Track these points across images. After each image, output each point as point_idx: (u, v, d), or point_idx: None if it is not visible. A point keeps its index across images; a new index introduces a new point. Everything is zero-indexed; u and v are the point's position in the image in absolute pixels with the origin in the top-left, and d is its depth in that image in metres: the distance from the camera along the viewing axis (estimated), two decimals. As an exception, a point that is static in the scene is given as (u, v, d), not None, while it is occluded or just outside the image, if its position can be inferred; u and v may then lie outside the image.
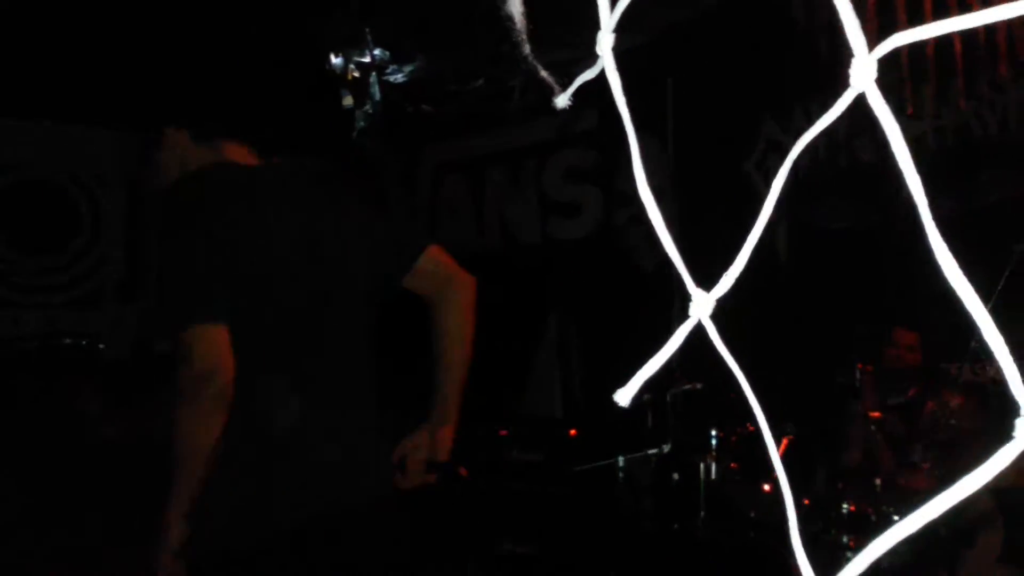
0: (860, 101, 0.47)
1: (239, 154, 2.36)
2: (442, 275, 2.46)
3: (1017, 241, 3.39)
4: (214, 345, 2.01)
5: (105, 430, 3.49)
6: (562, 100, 0.65)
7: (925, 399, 3.44)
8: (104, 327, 5.84)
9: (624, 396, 0.55)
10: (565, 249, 5.99)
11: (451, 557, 4.27)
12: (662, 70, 5.21)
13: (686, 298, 0.57)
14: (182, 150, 2.38)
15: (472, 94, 5.12)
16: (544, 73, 0.64)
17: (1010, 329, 0.44)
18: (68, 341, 4.02)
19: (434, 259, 2.44)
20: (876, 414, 3.66)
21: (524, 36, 0.61)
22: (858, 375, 3.64)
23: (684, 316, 0.56)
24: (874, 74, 0.46)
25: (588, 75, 0.61)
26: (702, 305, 0.54)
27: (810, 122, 0.50)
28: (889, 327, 3.92)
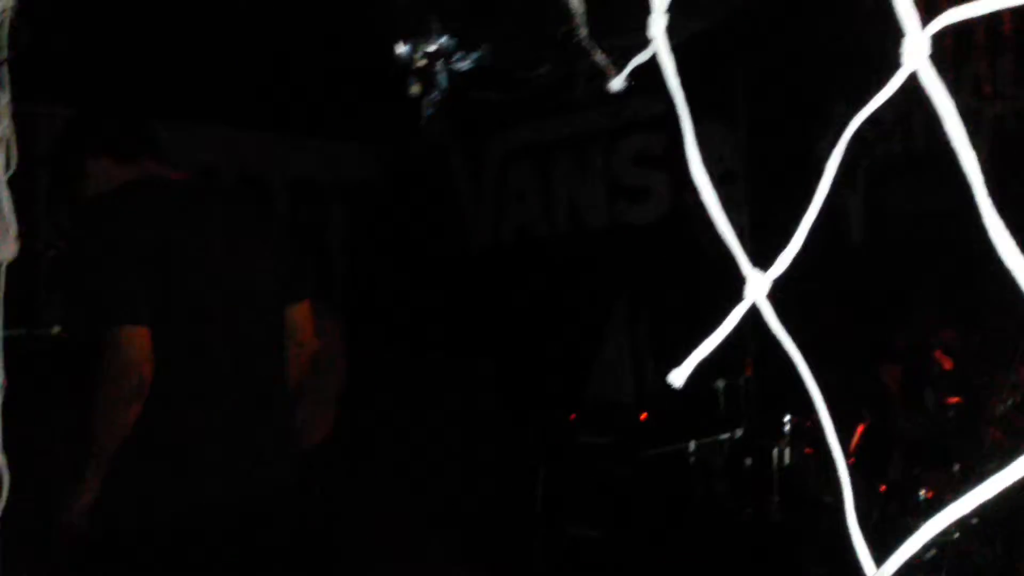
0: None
1: (158, 170, 2.52)
2: (299, 338, 2.64)
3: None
4: (135, 345, 2.25)
5: None
6: (617, 83, 0.65)
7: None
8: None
9: (679, 377, 0.56)
10: (633, 233, 5.96)
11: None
12: (732, 53, 5.14)
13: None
14: (105, 172, 2.51)
15: (539, 81, 5.12)
16: (600, 56, 0.64)
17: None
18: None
19: (303, 313, 2.64)
20: (955, 399, 3.58)
21: (581, 20, 0.62)
22: (935, 362, 3.57)
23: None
24: (928, 51, 0.45)
25: (641, 58, 0.61)
26: (757, 285, 0.54)
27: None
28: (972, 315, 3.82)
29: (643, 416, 4.62)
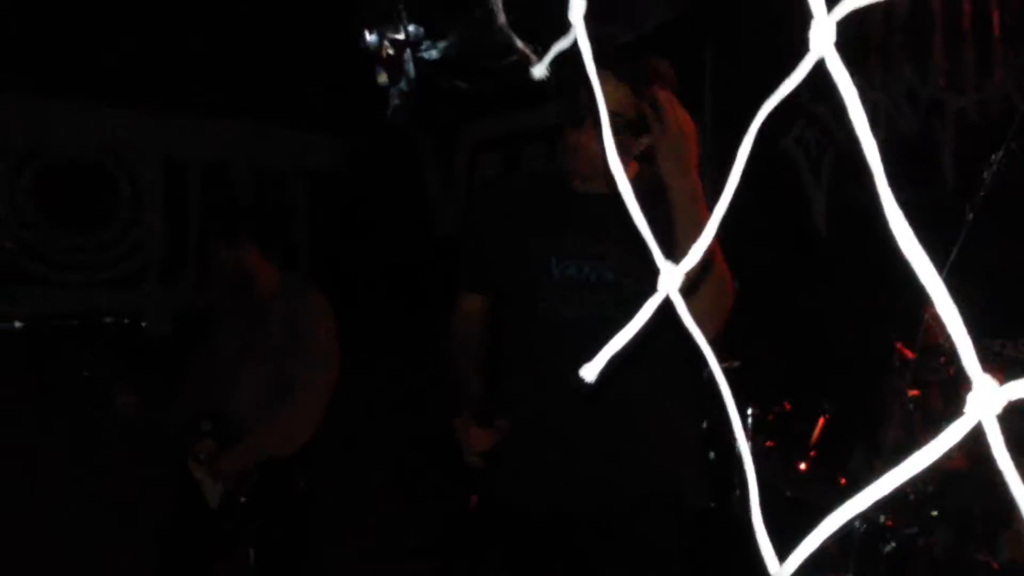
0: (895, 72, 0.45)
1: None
2: None
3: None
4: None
5: (133, 404, 3.56)
6: (539, 70, 0.63)
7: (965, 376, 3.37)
8: (145, 307, 5.93)
9: (590, 372, 0.54)
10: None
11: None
12: (698, 44, 5.14)
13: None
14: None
15: (507, 70, 5.09)
16: (520, 43, 0.62)
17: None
18: (109, 319, 4.07)
19: None
20: (915, 392, 3.60)
21: (498, 4, 0.60)
22: (896, 353, 3.58)
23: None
24: (833, 37, 0.44)
25: (562, 44, 0.60)
26: (670, 278, 0.53)
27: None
28: (924, 305, 3.85)
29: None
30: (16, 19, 5.10)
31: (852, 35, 4.34)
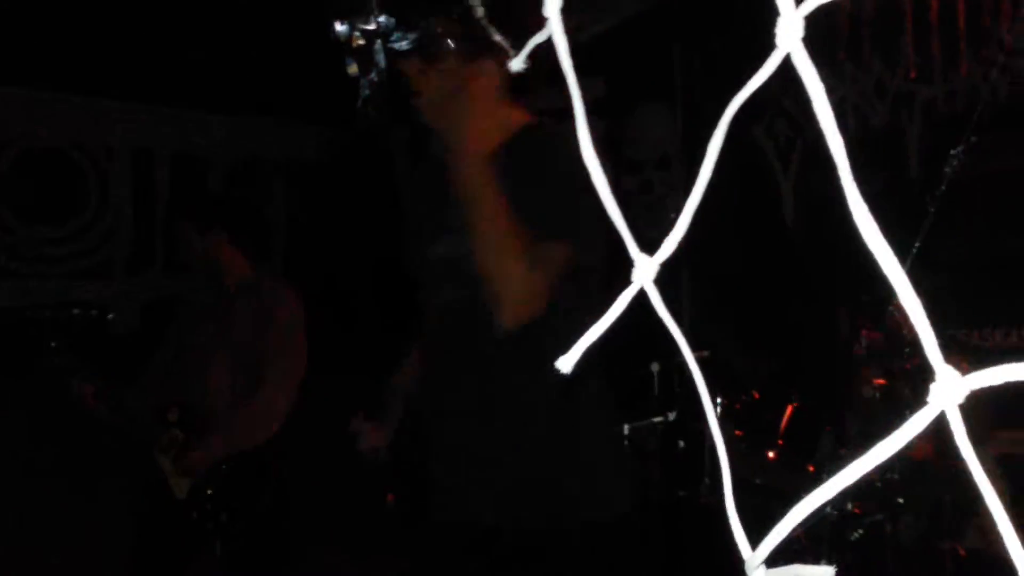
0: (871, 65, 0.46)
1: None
2: None
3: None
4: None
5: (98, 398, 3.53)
6: (516, 64, 0.64)
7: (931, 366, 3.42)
8: (112, 299, 5.87)
9: (566, 363, 0.55)
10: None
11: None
12: (668, 36, 5.16)
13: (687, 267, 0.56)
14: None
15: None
16: (497, 36, 0.63)
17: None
18: (76, 311, 4.03)
19: None
20: (881, 381, 3.65)
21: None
22: (863, 342, 3.62)
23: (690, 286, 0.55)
24: (800, 32, 0.45)
25: (539, 38, 0.60)
26: (645, 270, 0.54)
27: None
28: (892, 296, 3.90)
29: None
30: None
31: (820, 29, 4.37)
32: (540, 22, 0.59)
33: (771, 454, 3.65)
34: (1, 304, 5.40)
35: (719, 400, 3.69)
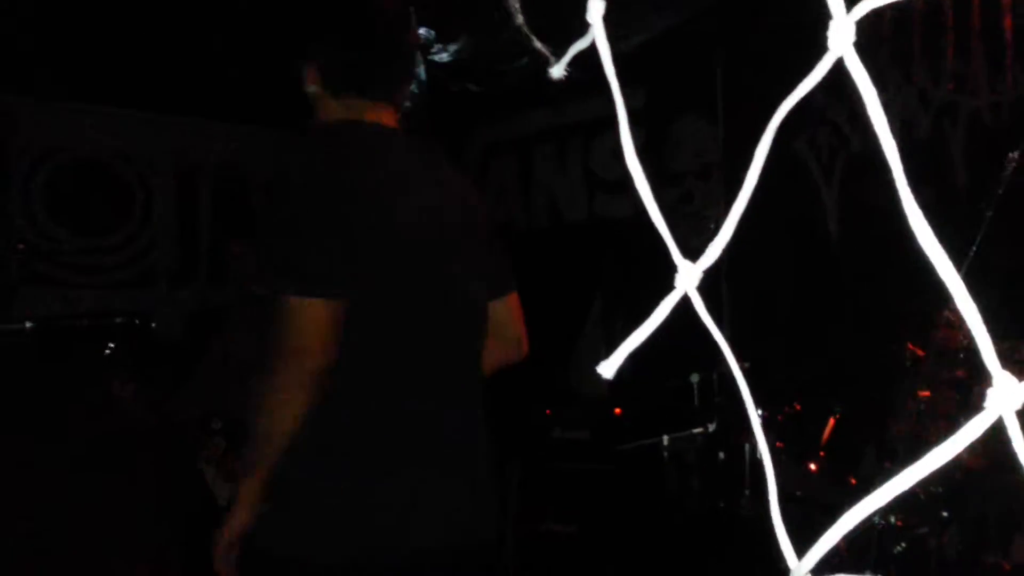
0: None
1: (377, 116, 2.00)
2: (511, 335, 2.19)
3: None
4: (313, 322, 1.75)
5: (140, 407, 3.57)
6: (557, 71, 0.64)
7: (978, 378, 3.38)
8: (156, 309, 5.94)
9: (608, 369, 0.55)
10: (611, 227, 5.96)
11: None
12: (711, 46, 5.14)
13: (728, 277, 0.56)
14: (313, 96, 2.04)
15: (518, 73, 5.09)
16: (538, 44, 0.63)
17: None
18: (119, 320, 4.08)
19: (513, 307, 2.19)
20: (925, 393, 3.60)
21: (515, 5, 0.61)
22: (908, 353, 3.57)
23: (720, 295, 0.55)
24: (852, 37, 0.44)
25: (580, 44, 0.60)
26: (687, 276, 0.53)
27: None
28: (938, 306, 3.85)
29: (617, 411, 4.62)
30: (30, 23, 5.13)
31: (866, 37, 4.33)
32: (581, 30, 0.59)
33: (813, 466, 3.61)
34: (45, 312, 5.47)
35: (760, 411, 3.66)
